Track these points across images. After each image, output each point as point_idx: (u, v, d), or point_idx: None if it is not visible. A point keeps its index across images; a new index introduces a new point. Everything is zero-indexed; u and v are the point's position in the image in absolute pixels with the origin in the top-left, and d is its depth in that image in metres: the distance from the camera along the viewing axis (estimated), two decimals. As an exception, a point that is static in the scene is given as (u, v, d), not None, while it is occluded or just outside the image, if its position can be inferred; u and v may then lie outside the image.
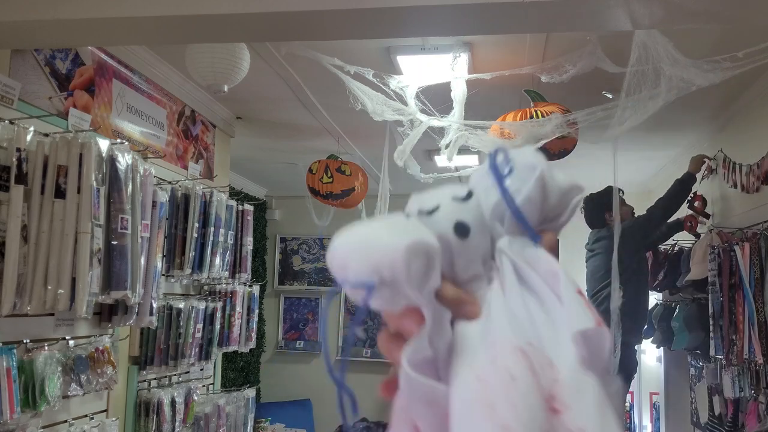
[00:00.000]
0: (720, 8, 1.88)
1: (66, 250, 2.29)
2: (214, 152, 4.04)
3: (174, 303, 3.25)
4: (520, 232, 0.51)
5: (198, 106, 3.80)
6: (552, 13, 1.91)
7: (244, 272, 3.88)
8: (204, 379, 3.79)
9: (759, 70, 2.61)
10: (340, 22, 2.01)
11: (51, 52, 2.58)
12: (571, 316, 0.46)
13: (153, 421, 3.08)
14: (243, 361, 6.13)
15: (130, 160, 2.53)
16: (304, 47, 2.83)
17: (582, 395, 0.45)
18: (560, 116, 3.00)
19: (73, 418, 2.61)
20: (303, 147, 4.88)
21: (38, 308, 2.27)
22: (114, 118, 2.99)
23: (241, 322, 3.84)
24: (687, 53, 2.31)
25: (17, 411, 2.17)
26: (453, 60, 2.94)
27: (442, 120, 3.10)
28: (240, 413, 3.80)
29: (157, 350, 3.17)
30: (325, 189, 4.20)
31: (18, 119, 2.31)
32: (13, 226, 2.20)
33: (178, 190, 3.26)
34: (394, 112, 3.05)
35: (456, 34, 2.73)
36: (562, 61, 2.70)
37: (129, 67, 3.10)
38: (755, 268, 3.21)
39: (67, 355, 2.48)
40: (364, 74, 2.87)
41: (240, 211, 3.85)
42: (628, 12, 1.84)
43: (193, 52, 2.76)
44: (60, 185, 2.32)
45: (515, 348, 0.46)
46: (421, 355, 0.48)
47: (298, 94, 3.73)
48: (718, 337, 3.33)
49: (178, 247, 3.23)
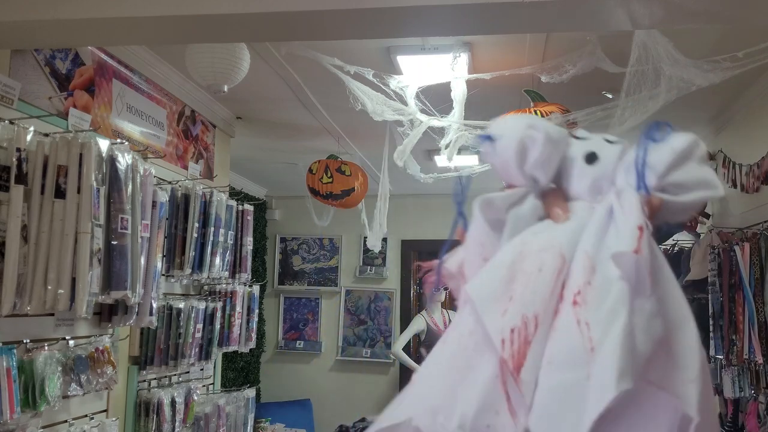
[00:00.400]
0: (720, 8, 1.88)
1: (66, 250, 2.29)
2: (214, 152, 4.04)
3: (174, 303, 3.25)
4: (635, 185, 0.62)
5: (198, 106, 3.80)
6: (552, 13, 1.91)
7: (244, 272, 3.88)
8: (204, 379, 3.79)
9: (759, 70, 2.61)
10: (340, 22, 2.01)
11: (51, 52, 2.58)
12: (620, 240, 0.57)
13: (153, 421, 3.08)
14: (243, 361, 6.13)
15: (130, 160, 2.53)
16: (304, 47, 2.83)
17: (602, 300, 0.56)
18: (560, 116, 3.00)
19: (73, 418, 2.61)
20: (303, 147, 4.88)
21: (38, 308, 2.27)
22: (114, 118, 2.99)
23: (241, 322, 3.84)
24: (687, 53, 2.31)
25: (17, 411, 2.17)
26: (453, 60, 2.94)
27: (442, 120, 3.10)
28: (240, 413, 3.80)
29: (157, 350, 3.17)
30: (325, 189, 4.20)
31: (18, 119, 2.31)
32: (13, 226, 2.20)
33: (178, 190, 3.26)
34: (394, 112, 3.05)
35: (456, 34, 2.73)
36: (562, 61, 2.70)
37: (129, 67, 3.10)
38: (755, 268, 3.21)
39: (67, 355, 2.48)
40: (364, 74, 2.87)
41: (240, 211, 3.85)
42: (628, 12, 1.84)
43: (193, 52, 2.76)
44: (60, 185, 2.32)
45: (558, 252, 0.59)
46: (495, 209, 0.64)
47: (298, 94, 3.73)
48: (718, 337, 3.33)
49: (178, 247, 3.23)
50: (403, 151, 3.22)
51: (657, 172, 0.60)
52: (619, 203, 0.59)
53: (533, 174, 0.64)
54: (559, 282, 0.58)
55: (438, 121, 3.12)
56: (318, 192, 4.23)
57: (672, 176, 0.60)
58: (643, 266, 0.55)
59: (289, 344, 6.85)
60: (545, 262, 0.59)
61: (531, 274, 0.59)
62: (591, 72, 2.69)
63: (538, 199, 0.65)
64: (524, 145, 0.64)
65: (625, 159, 0.62)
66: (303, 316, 6.91)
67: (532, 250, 0.60)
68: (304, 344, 6.82)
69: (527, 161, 0.64)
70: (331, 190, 4.20)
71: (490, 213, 0.65)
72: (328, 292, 6.87)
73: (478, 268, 0.64)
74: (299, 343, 6.83)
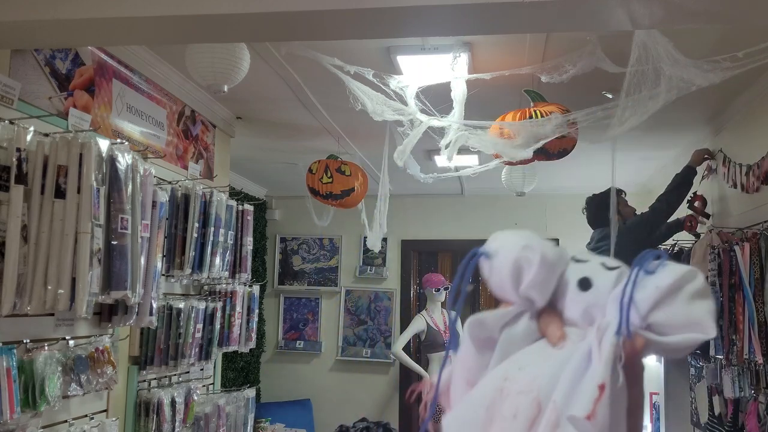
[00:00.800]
0: (720, 8, 1.88)
1: (66, 250, 2.29)
2: (214, 152, 4.05)
3: (174, 303, 3.25)
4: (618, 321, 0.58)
5: (198, 106, 3.80)
6: (552, 13, 1.91)
7: (244, 272, 3.88)
8: (204, 379, 3.79)
9: (759, 70, 2.61)
10: (340, 22, 2.01)
11: (51, 52, 2.58)
12: (578, 399, 0.55)
13: (153, 421, 3.08)
14: (243, 361, 6.13)
15: (130, 160, 2.53)
16: (304, 47, 2.83)
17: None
18: (560, 116, 3.00)
19: (73, 418, 2.61)
20: (303, 147, 4.88)
21: (38, 308, 2.27)
22: (114, 118, 2.99)
23: (241, 322, 3.84)
24: (687, 53, 2.31)
25: (17, 411, 2.17)
26: (453, 60, 2.94)
27: (442, 120, 3.10)
28: (240, 413, 3.80)
29: (157, 350, 3.17)
30: (325, 189, 4.20)
31: (18, 119, 2.31)
32: (13, 226, 2.20)
33: (178, 190, 3.26)
34: (394, 112, 3.05)
35: (456, 34, 2.73)
36: (562, 61, 2.70)
37: (129, 67, 3.10)
38: (755, 268, 3.21)
39: (67, 355, 2.48)
40: (364, 74, 2.87)
41: (240, 211, 3.85)
42: (628, 12, 1.84)
43: (193, 52, 2.76)
44: (60, 185, 2.32)
45: (535, 398, 0.57)
46: (487, 329, 0.62)
47: (298, 94, 3.73)
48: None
49: (178, 247, 3.23)
50: (403, 151, 3.22)
51: (640, 312, 0.57)
52: (597, 346, 0.56)
53: (528, 295, 0.62)
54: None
55: (438, 121, 3.11)
56: (318, 192, 4.23)
57: (654, 316, 0.56)
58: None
59: (289, 344, 6.85)
60: (520, 408, 0.57)
61: (506, 420, 0.57)
62: (591, 72, 2.69)
63: (532, 320, 0.63)
64: (520, 266, 0.62)
65: (616, 289, 0.59)
66: (303, 316, 6.91)
67: (512, 391, 0.58)
68: (304, 344, 6.82)
69: (522, 282, 0.62)
70: (331, 190, 4.19)
71: (480, 332, 0.63)
72: (328, 292, 6.87)
73: (462, 393, 0.63)
74: (299, 343, 6.83)
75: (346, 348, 6.76)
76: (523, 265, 0.61)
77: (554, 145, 3.13)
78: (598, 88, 3.05)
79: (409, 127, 3.16)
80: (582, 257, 0.64)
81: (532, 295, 0.62)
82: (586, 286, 0.61)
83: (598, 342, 0.56)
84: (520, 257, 0.61)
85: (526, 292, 0.62)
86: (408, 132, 3.17)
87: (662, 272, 0.58)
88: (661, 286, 0.56)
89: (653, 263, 0.58)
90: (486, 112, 3.20)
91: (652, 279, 0.57)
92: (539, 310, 0.63)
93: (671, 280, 0.57)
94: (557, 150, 3.22)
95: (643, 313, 0.57)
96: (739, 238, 3.40)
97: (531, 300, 0.62)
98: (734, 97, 3.63)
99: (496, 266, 0.63)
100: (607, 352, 0.55)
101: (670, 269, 0.58)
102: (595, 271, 0.62)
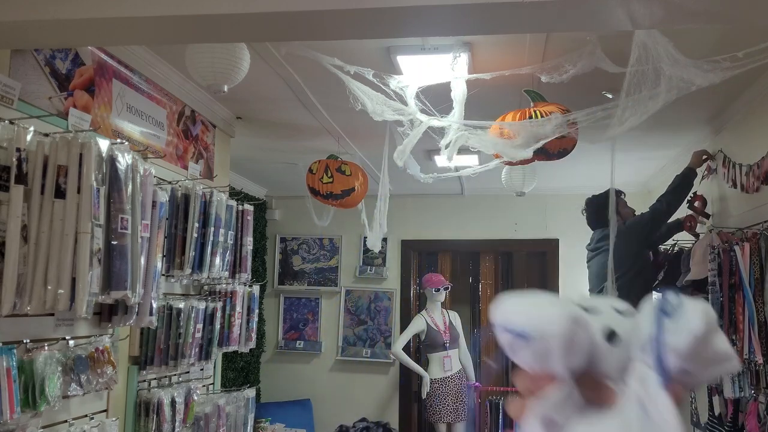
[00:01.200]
0: (720, 8, 1.88)
1: (66, 250, 2.29)
2: (214, 152, 4.05)
3: (174, 303, 3.25)
4: (655, 368, 0.59)
5: (198, 106, 3.80)
6: (552, 13, 1.91)
7: (244, 272, 3.88)
8: (204, 379, 3.79)
9: (759, 70, 2.61)
10: (340, 22, 2.01)
11: (51, 52, 2.58)
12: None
13: (153, 421, 3.08)
14: (243, 361, 6.13)
15: (130, 160, 2.53)
16: (304, 47, 2.83)
17: None
18: (560, 116, 2.99)
19: (73, 418, 2.61)
20: (303, 147, 4.88)
21: (38, 308, 2.27)
22: (114, 118, 2.99)
23: (241, 322, 3.84)
24: (687, 53, 2.31)
25: (17, 411, 2.17)
26: (453, 60, 2.94)
27: (442, 120, 3.10)
28: (240, 413, 3.80)
29: (157, 350, 3.17)
30: (325, 189, 4.20)
31: (18, 119, 2.31)
32: (13, 226, 2.20)
33: (178, 190, 3.26)
34: (394, 112, 3.05)
35: (456, 34, 2.73)
36: (562, 61, 2.70)
37: (129, 67, 3.10)
38: (755, 268, 3.21)
39: (67, 355, 2.48)
40: (364, 74, 2.87)
41: (240, 211, 3.85)
42: (628, 12, 1.84)
43: (193, 52, 2.76)
44: (60, 185, 2.32)
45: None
46: (550, 415, 0.61)
47: (298, 94, 3.73)
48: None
49: (178, 247, 3.23)
50: (403, 151, 3.22)
51: (678, 358, 0.58)
52: (647, 394, 0.57)
53: (576, 366, 0.61)
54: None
55: (438, 121, 3.11)
56: (318, 192, 4.23)
57: (693, 361, 0.58)
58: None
59: (289, 344, 6.85)
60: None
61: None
62: (591, 72, 2.69)
63: (574, 389, 0.62)
64: (572, 343, 0.60)
65: (639, 335, 0.60)
66: (303, 316, 6.91)
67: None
68: (304, 344, 6.82)
69: (576, 356, 0.61)
70: (331, 190, 4.19)
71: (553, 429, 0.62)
72: (328, 292, 6.87)
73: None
74: (299, 343, 6.83)
75: (346, 348, 6.76)
76: (575, 341, 0.60)
77: (554, 145, 3.13)
78: (598, 88, 3.05)
79: (409, 127, 3.15)
80: (591, 307, 0.64)
81: (579, 365, 0.61)
82: (615, 339, 0.62)
83: (644, 390, 0.57)
84: (571, 334, 0.60)
85: (574, 364, 0.61)
86: (408, 132, 3.17)
87: (689, 315, 0.59)
88: (698, 335, 0.58)
89: (671, 304, 0.59)
90: (486, 112, 3.20)
91: (683, 324, 0.58)
92: (576, 376, 0.62)
93: (704, 326, 0.58)
94: (557, 150, 3.22)
95: (683, 359, 0.58)
96: (739, 238, 3.40)
97: (574, 370, 0.62)
98: (734, 97, 3.63)
99: (540, 349, 0.61)
100: (668, 403, 0.56)
101: (694, 311, 0.59)
102: (615, 322, 0.62)
